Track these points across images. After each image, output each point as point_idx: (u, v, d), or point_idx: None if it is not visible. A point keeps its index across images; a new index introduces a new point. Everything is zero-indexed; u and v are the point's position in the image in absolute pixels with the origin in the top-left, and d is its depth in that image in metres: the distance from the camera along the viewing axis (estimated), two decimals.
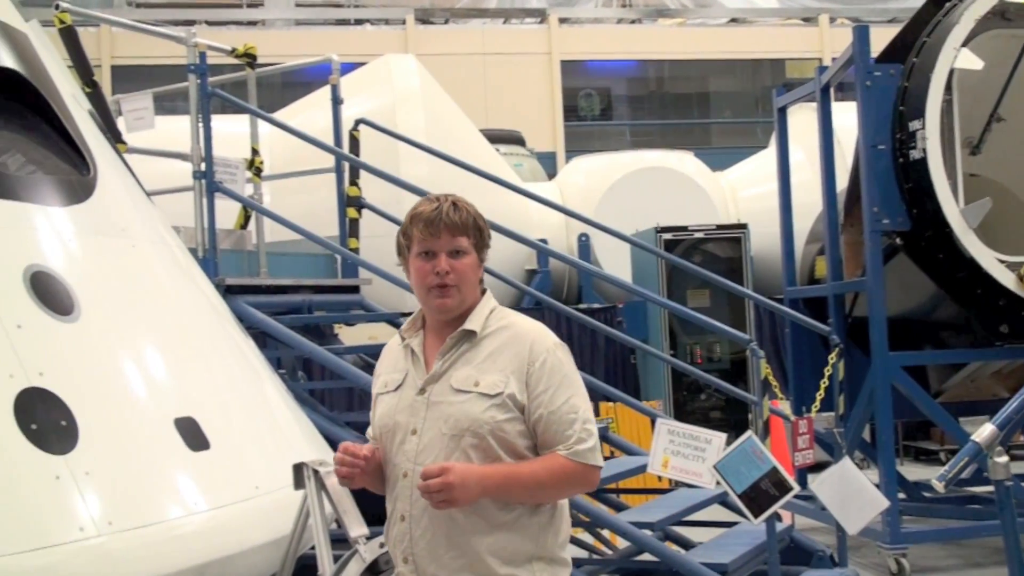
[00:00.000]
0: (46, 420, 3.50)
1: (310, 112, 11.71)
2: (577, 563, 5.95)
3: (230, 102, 6.97)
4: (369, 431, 3.14)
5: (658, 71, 28.03)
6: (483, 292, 3.04)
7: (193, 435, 3.94)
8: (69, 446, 3.51)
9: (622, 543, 6.35)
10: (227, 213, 7.05)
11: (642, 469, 5.98)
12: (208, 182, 6.47)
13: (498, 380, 2.87)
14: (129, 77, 19.56)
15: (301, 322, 6.74)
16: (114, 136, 5.66)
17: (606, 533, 6.91)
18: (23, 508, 3.34)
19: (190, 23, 22.14)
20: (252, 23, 24.72)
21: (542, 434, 2.89)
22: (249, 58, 7.29)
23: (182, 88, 7.19)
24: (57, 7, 6.09)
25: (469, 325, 2.94)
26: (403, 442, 2.91)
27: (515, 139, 17.81)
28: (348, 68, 8.19)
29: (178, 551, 3.66)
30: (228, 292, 6.21)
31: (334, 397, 11.00)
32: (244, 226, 7.39)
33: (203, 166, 6.52)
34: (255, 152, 7.35)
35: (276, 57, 12.13)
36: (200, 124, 6.51)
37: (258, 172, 7.36)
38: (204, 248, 6.42)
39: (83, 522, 3.40)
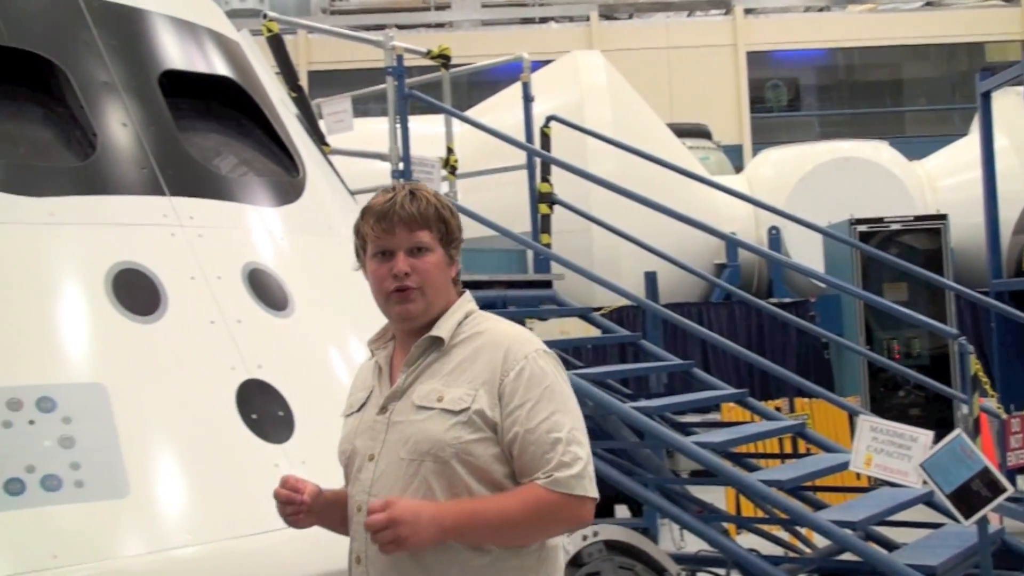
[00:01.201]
0: (265, 410, 3.67)
1: (497, 111, 11.88)
2: (775, 560, 5.85)
3: (426, 102, 7.15)
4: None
5: (848, 59, 27.25)
6: (460, 294, 2.62)
7: None
8: (286, 435, 3.67)
9: (820, 541, 6.19)
10: None
11: (843, 467, 5.81)
12: (407, 181, 6.64)
13: (464, 394, 2.42)
14: (325, 82, 20.29)
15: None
16: (318, 138, 5.88)
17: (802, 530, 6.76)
18: (245, 494, 3.51)
19: (380, 27, 22.79)
20: (440, 25, 25.27)
21: (518, 458, 2.41)
22: (443, 59, 7.47)
23: (378, 91, 7.41)
24: (265, 16, 6.38)
25: (436, 331, 2.51)
26: (360, 470, 2.51)
27: (701, 132, 17.64)
28: (535, 66, 8.31)
29: None
30: None
31: None
32: None
33: (401, 165, 6.70)
34: (450, 151, 7.52)
35: (464, 58, 12.35)
36: (398, 124, 6.69)
37: (453, 170, 7.52)
38: None
39: None
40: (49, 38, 4.08)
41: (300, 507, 2.53)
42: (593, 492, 2.41)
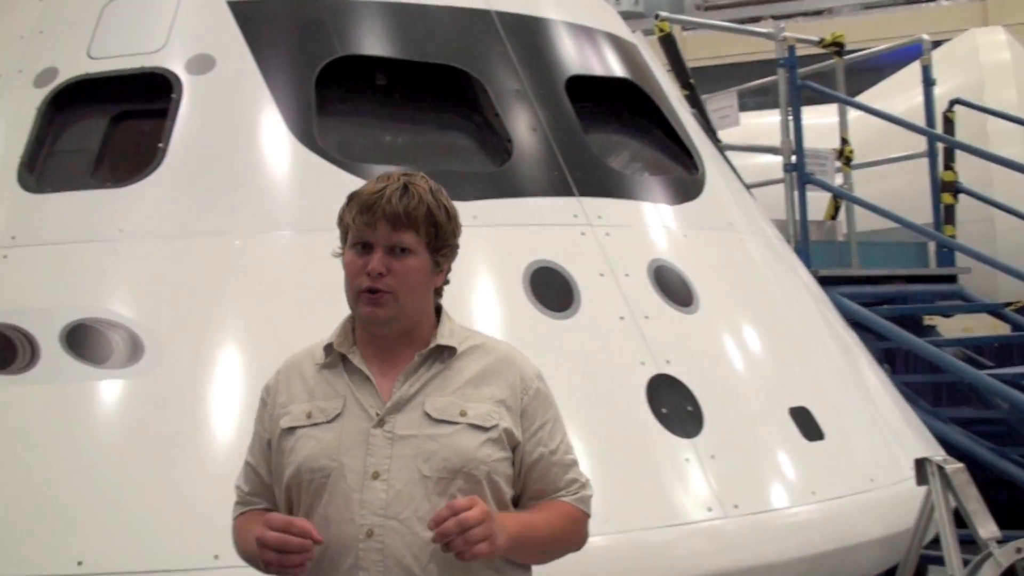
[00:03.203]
0: (674, 405, 3.73)
1: (885, 98, 11.35)
2: None
3: (821, 93, 6.97)
4: (241, 484, 2.38)
5: None
6: (438, 310, 2.36)
7: (807, 425, 3.98)
8: (695, 430, 3.71)
9: None
10: (814, 204, 7.05)
11: None
12: (800, 174, 6.51)
13: (491, 411, 2.23)
14: (700, 77, 20.22)
15: (895, 313, 6.56)
16: (712, 135, 5.89)
17: None
18: (657, 487, 3.58)
19: (755, 20, 22.48)
20: (818, 12, 24.54)
21: (537, 480, 2.28)
22: (837, 47, 7.25)
23: (765, 83, 7.31)
24: (657, 16, 6.47)
25: (444, 340, 2.28)
26: (358, 490, 2.17)
27: None
28: (917, 50, 7.85)
29: (795, 539, 3.72)
30: (820, 283, 6.21)
31: (920, 392, 10.54)
32: (834, 216, 7.36)
33: (794, 158, 6.57)
34: (844, 141, 7.29)
35: (848, 44, 11.93)
36: (790, 117, 6.57)
37: (847, 161, 7.28)
38: (795, 240, 6.46)
39: (710, 503, 3.57)
40: (467, 52, 4.36)
41: (306, 555, 2.10)
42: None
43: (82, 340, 3.57)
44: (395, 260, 2.20)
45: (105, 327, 3.60)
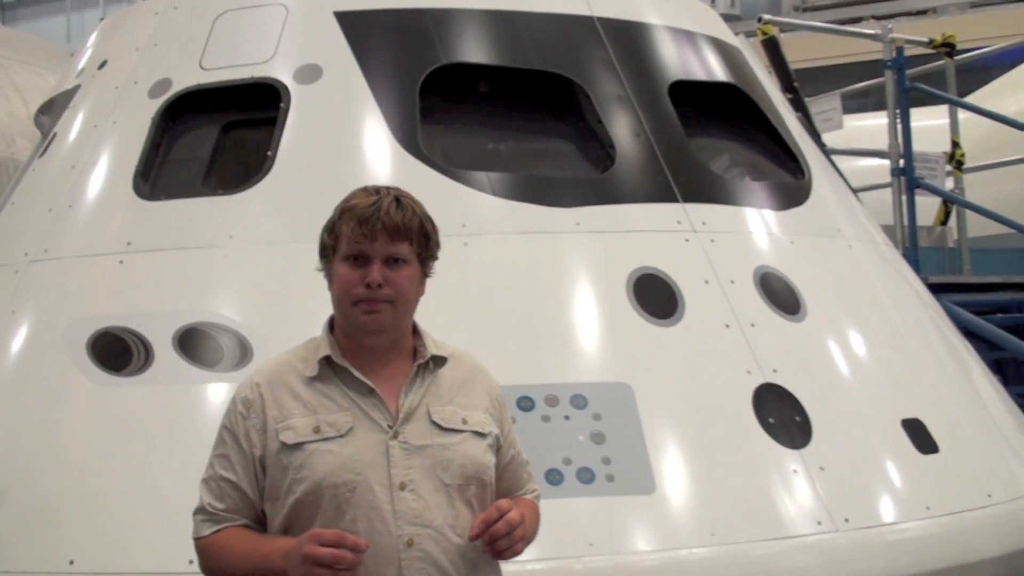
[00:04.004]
0: (781, 415, 3.66)
1: (998, 98, 11.03)
2: None
3: (931, 94, 6.80)
4: (211, 502, 2.30)
5: None
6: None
7: (921, 437, 3.88)
8: (803, 441, 3.63)
9: None
10: (923, 209, 6.89)
11: None
12: (908, 178, 6.36)
13: (485, 417, 2.35)
14: (797, 79, 19.90)
15: (1009, 322, 6.36)
16: (818, 139, 5.78)
17: None
18: (763, 498, 3.51)
19: (856, 20, 22.04)
20: (922, 12, 23.97)
21: (509, 479, 2.42)
22: (948, 47, 7.07)
23: (871, 85, 7.15)
24: (760, 20, 6.39)
25: (437, 351, 2.36)
26: (388, 502, 2.20)
27: None
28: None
29: (909, 555, 3.61)
30: (930, 291, 6.05)
31: None
32: (944, 222, 7.18)
33: (902, 162, 6.42)
34: (955, 144, 7.10)
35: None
36: (898, 120, 6.42)
37: (959, 165, 7.09)
38: (904, 246, 6.32)
39: (819, 516, 3.50)
40: (569, 58, 4.36)
41: (357, 566, 2.10)
42: None
43: (194, 343, 3.66)
44: (391, 271, 2.27)
45: (216, 331, 3.68)
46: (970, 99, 12.14)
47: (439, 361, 2.36)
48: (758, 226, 4.24)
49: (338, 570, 2.07)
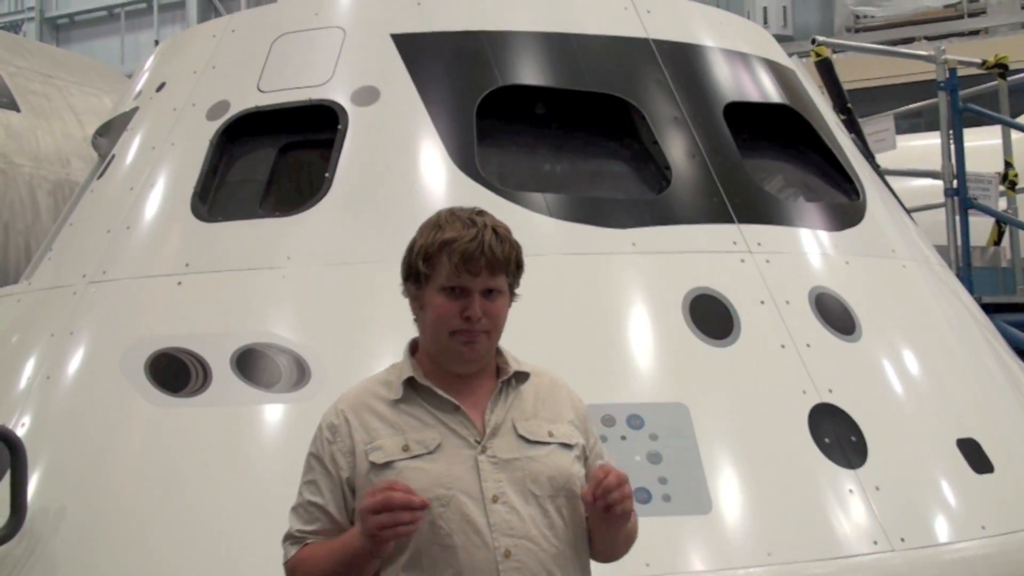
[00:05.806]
0: (837, 435, 3.65)
1: None
2: None
3: (984, 115, 6.76)
4: (300, 527, 2.34)
5: None
6: None
7: (976, 457, 3.85)
8: (859, 461, 3.63)
9: None
10: (977, 229, 6.84)
11: None
12: (962, 199, 6.32)
13: (571, 430, 2.39)
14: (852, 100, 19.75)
15: None
16: (872, 160, 5.77)
17: None
18: (819, 518, 3.50)
19: (908, 41, 21.89)
20: (974, 32, 23.74)
21: None
22: (1001, 68, 7.04)
23: (924, 106, 7.12)
24: (813, 41, 6.40)
25: (519, 367, 2.41)
26: (482, 515, 2.23)
27: None
28: None
29: (964, 575, 3.59)
30: (984, 311, 6.00)
31: None
32: (998, 242, 7.12)
33: (955, 183, 6.39)
34: (1008, 165, 7.05)
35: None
36: (951, 140, 6.39)
37: (1012, 186, 7.04)
38: (957, 266, 6.27)
39: (876, 536, 3.48)
40: (625, 80, 4.39)
41: (415, 518, 2.12)
42: None
43: (251, 364, 3.70)
44: (488, 301, 2.30)
45: (273, 352, 3.72)
46: (1023, 120, 12.07)
47: (522, 377, 2.40)
48: (813, 247, 4.24)
49: (396, 512, 2.07)
